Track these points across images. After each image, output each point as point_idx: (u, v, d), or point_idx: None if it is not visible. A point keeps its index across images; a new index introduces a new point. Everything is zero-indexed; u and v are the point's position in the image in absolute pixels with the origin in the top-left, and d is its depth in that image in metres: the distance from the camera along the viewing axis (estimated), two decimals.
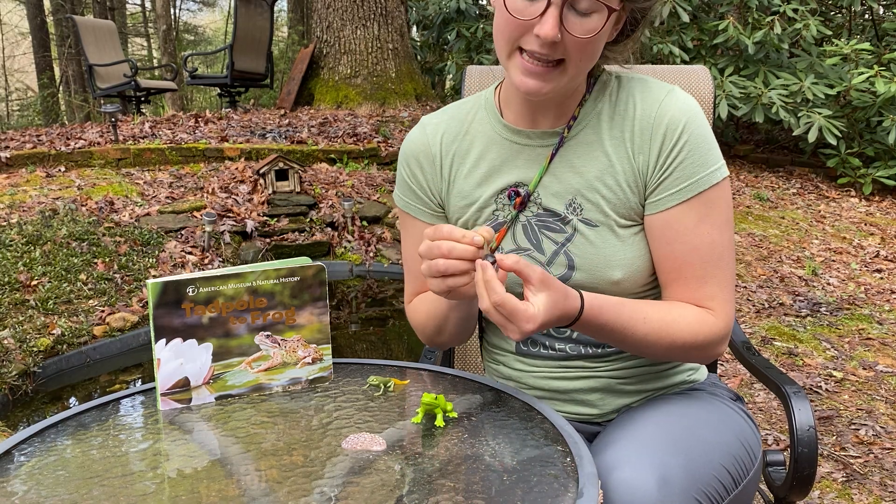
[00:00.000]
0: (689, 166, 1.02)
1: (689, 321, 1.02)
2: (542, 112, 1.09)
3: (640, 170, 1.04)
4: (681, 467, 0.91)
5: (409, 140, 1.19)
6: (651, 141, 1.03)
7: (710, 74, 1.48)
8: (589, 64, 1.01)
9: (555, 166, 1.08)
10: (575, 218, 1.07)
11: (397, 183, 1.22)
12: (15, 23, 18.62)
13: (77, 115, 13.75)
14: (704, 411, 1.04)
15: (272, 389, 1.03)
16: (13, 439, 0.90)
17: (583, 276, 1.07)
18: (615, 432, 0.99)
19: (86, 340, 3.39)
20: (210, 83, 9.10)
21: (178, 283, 0.95)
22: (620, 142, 1.06)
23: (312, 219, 5.03)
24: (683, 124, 1.02)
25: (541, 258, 1.09)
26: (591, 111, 1.08)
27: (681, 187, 1.02)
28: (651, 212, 1.05)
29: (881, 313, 3.81)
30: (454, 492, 0.76)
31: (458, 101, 1.21)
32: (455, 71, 7.95)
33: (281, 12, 17.50)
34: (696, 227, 1.03)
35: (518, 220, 1.11)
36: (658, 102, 1.04)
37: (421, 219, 1.19)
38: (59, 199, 4.70)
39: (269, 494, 0.76)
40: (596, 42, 0.97)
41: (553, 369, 1.13)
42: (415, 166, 1.18)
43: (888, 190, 6.24)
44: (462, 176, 1.14)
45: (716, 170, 1.03)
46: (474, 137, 1.15)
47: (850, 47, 6.15)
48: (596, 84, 1.10)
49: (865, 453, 2.39)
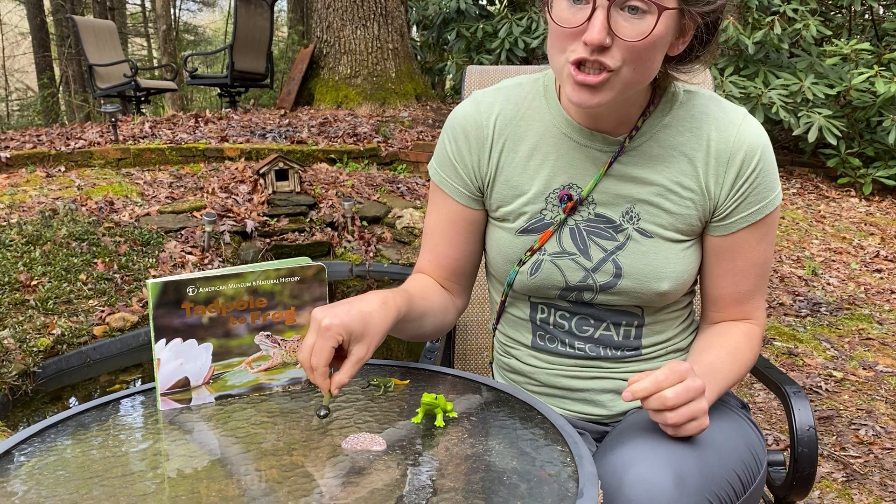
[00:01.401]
0: (760, 192, 1.04)
1: (748, 343, 1.10)
2: (604, 115, 1.04)
3: (712, 192, 1.05)
4: (696, 467, 0.91)
5: (461, 114, 1.12)
6: (728, 167, 1.03)
7: (710, 74, 1.48)
8: (645, 73, 0.95)
9: (612, 174, 1.06)
10: (630, 227, 1.05)
11: (436, 155, 1.16)
12: (15, 23, 18.61)
13: (77, 115, 13.75)
14: (715, 417, 1.04)
15: (272, 389, 1.03)
16: (13, 439, 0.90)
17: (629, 283, 1.06)
18: (628, 431, 0.99)
19: (86, 340, 3.39)
20: (210, 83, 9.09)
21: (178, 283, 0.95)
22: (690, 160, 1.04)
23: (312, 219, 5.03)
24: (760, 153, 1.03)
25: (586, 264, 1.07)
26: (657, 124, 1.05)
27: (752, 211, 1.05)
28: (720, 234, 1.07)
29: (881, 313, 3.81)
30: (454, 492, 0.76)
31: (511, 81, 1.15)
32: (455, 71, 7.96)
33: (281, 12, 17.51)
34: (758, 244, 1.07)
35: (566, 224, 1.08)
36: (736, 128, 1.03)
37: (454, 197, 1.14)
38: (59, 199, 4.70)
39: (269, 494, 0.76)
40: (650, 46, 0.91)
41: (568, 367, 1.13)
42: (462, 143, 1.12)
43: (888, 190, 6.24)
44: (513, 163, 1.10)
45: (778, 193, 1.06)
46: (530, 124, 1.10)
47: (850, 47, 6.15)
48: (663, 96, 1.06)
49: (865, 453, 2.39)
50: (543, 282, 1.09)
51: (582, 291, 1.08)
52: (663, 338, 1.13)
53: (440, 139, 1.16)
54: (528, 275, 1.09)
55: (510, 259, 1.11)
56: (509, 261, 1.11)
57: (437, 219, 1.17)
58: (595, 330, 1.11)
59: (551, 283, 1.09)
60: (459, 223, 1.16)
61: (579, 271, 1.07)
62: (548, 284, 1.09)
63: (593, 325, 1.11)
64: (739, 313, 1.12)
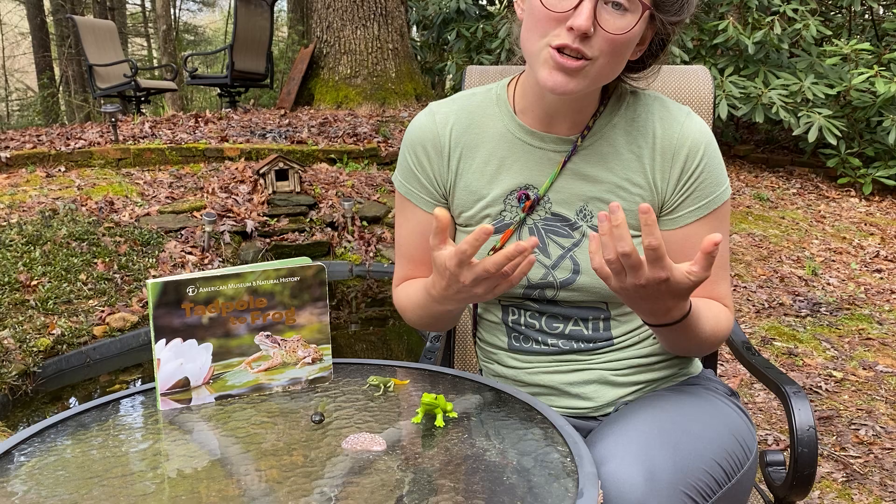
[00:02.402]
0: (707, 186, 1.09)
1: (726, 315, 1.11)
2: (559, 117, 1.09)
3: (658, 188, 1.10)
4: (668, 461, 0.92)
5: (417, 126, 1.17)
6: (673, 162, 1.09)
7: (710, 74, 1.48)
8: (615, 68, 1.01)
9: (566, 174, 1.10)
10: (585, 224, 1.10)
11: (399, 167, 1.20)
12: (15, 23, 18.62)
13: (77, 115, 13.76)
14: (696, 406, 1.05)
15: (272, 389, 1.03)
16: (13, 439, 0.90)
17: (587, 279, 1.09)
18: (606, 428, 1.01)
19: (86, 340, 3.39)
20: (210, 83, 9.10)
21: (178, 283, 0.95)
22: (637, 158, 1.09)
23: (312, 219, 5.03)
24: (703, 148, 1.08)
25: (546, 261, 1.11)
26: (607, 123, 1.11)
27: (700, 205, 1.09)
28: (670, 227, 1.11)
29: (881, 313, 3.81)
30: (454, 492, 0.76)
31: (464, 92, 1.20)
32: (455, 71, 7.96)
33: (281, 12, 17.50)
34: None
35: (524, 223, 1.12)
36: (679, 125, 1.09)
37: (422, 207, 1.18)
38: (59, 199, 4.70)
39: (269, 494, 0.76)
40: (626, 42, 0.98)
41: (546, 364, 1.15)
42: (421, 154, 1.16)
43: (888, 190, 6.24)
44: (470, 170, 1.14)
45: (726, 188, 1.11)
46: (484, 132, 1.14)
47: (850, 47, 6.15)
48: (611, 98, 1.11)
49: (865, 453, 2.39)
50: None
51: (544, 289, 1.12)
52: (633, 326, 1.15)
53: (401, 152, 1.20)
54: None
55: None
56: None
57: (408, 230, 1.21)
58: (565, 326, 1.14)
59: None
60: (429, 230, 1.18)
61: (539, 269, 1.11)
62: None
63: (562, 321, 1.14)
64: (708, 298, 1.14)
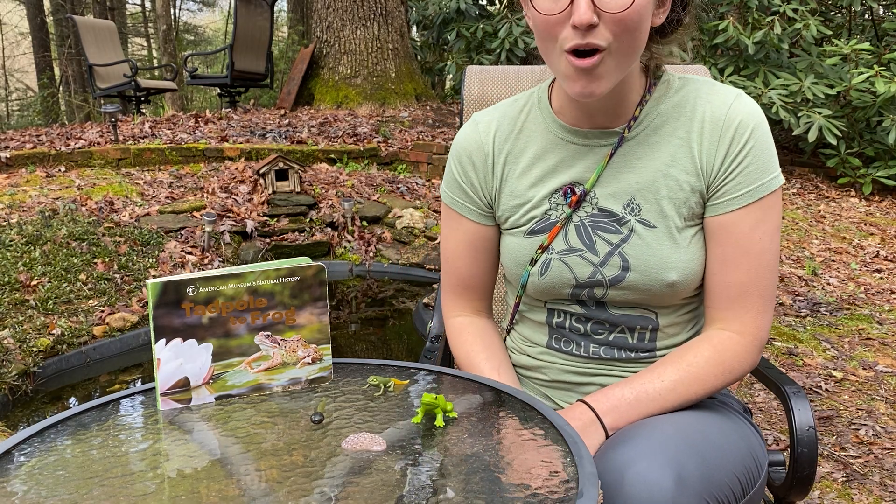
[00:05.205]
0: (753, 171, 1.02)
1: (707, 356, 1.04)
2: (598, 112, 1.07)
3: (705, 170, 1.04)
4: (697, 469, 0.90)
5: (462, 137, 1.18)
6: (719, 142, 1.03)
7: (710, 74, 1.48)
8: (634, 44, 0.96)
9: (613, 166, 1.07)
10: (633, 219, 1.06)
11: (446, 180, 1.21)
12: (15, 23, 18.62)
13: (77, 115, 13.75)
14: (718, 421, 1.03)
15: (272, 389, 1.03)
16: (13, 439, 0.90)
17: (637, 276, 1.06)
18: (630, 430, 0.98)
19: (86, 340, 3.39)
20: (210, 83, 9.10)
21: (178, 283, 0.95)
22: (685, 142, 1.05)
23: (312, 219, 5.03)
24: (752, 128, 1.02)
25: (594, 259, 1.08)
26: (654, 111, 1.07)
27: (744, 191, 1.02)
28: (712, 214, 1.05)
29: (881, 313, 3.81)
30: (454, 492, 0.76)
31: (508, 99, 1.20)
32: (455, 71, 7.96)
33: (281, 12, 17.51)
34: (751, 232, 1.03)
35: (571, 221, 1.09)
36: (727, 105, 1.03)
37: (468, 217, 1.18)
38: (59, 199, 4.70)
39: (269, 494, 0.76)
40: (636, 15, 0.93)
41: (581, 365, 1.14)
42: (467, 165, 1.17)
43: (888, 190, 6.24)
44: (515, 176, 1.13)
45: (775, 177, 1.04)
46: (529, 137, 1.13)
47: (850, 47, 6.15)
48: (658, 84, 1.08)
49: (865, 453, 2.39)
50: (554, 281, 1.10)
51: (593, 288, 1.09)
52: (679, 340, 1.13)
53: (448, 164, 1.21)
54: (538, 275, 1.11)
55: (521, 261, 1.13)
56: (520, 263, 1.14)
57: (455, 241, 1.21)
58: (609, 334, 1.12)
59: (562, 281, 1.10)
60: (477, 241, 1.20)
61: (587, 266, 1.08)
62: (558, 283, 1.10)
63: (608, 328, 1.12)
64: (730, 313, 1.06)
